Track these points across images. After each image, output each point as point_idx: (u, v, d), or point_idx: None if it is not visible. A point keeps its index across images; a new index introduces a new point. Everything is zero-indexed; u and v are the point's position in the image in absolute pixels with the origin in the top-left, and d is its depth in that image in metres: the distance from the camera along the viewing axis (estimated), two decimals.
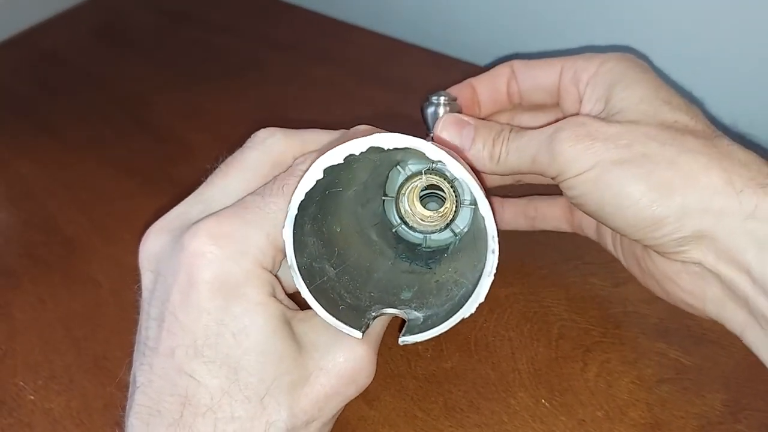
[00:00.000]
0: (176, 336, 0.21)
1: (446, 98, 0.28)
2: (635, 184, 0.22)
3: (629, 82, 0.25)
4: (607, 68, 0.26)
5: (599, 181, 0.23)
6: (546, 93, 0.28)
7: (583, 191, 0.23)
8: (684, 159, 0.22)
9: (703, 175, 0.22)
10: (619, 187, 0.22)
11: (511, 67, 0.29)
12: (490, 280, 0.21)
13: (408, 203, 0.29)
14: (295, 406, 0.21)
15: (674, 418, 0.25)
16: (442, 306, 0.23)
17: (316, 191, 0.21)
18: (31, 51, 0.56)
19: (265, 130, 0.25)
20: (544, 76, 0.28)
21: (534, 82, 0.28)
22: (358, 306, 0.23)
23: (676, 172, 0.22)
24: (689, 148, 0.22)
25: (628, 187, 0.22)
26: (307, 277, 0.22)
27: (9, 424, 0.29)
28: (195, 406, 0.20)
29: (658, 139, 0.22)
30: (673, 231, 0.22)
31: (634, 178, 0.22)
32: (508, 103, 0.30)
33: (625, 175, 0.22)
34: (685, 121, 0.23)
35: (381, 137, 0.20)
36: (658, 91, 0.24)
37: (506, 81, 0.29)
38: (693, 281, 0.24)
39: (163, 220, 0.23)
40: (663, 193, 0.22)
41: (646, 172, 0.22)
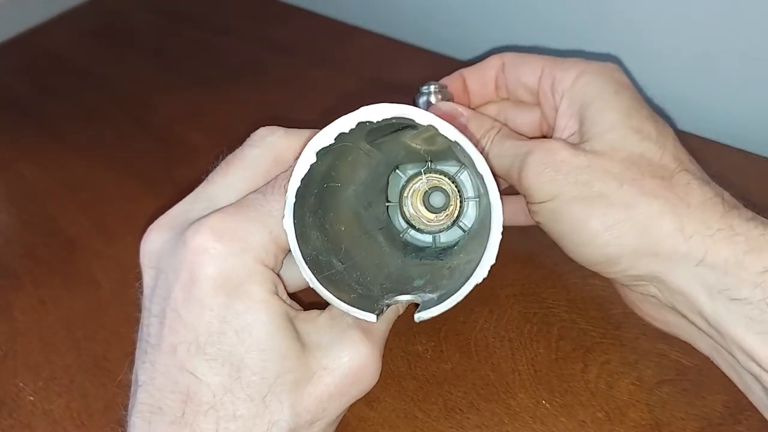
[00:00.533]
0: (178, 333, 0.21)
1: (437, 87, 0.28)
2: (591, 223, 0.23)
3: (602, 105, 0.25)
4: (582, 82, 0.26)
5: (558, 213, 0.23)
6: (528, 92, 0.28)
7: (544, 219, 0.24)
8: (639, 202, 0.22)
9: (655, 220, 0.22)
10: (576, 223, 0.23)
11: (502, 60, 0.29)
12: (499, 238, 0.20)
13: (412, 207, 0.29)
14: (299, 406, 0.21)
15: (674, 420, 0.25)
16: (456, 283, 0.23)
17: (313, 181, 0.21)
18: (32, 52, 0.56)
19: (266, 128, 0.25)
20: (526, 76, 0.28)
21: (517, 79, 0.28)
22: (370, 295, 0.23)
23: (630, 215, 0.22)
24: (647, 191, 0.22)
25: (584, 225, 0.23)
26: (314, 267, 0.21)
27: (9, 425, 0.29)
28: (197, 403, 0.20)
29: (619, 178, 0.23)
30: (627, 269, 0.23)
31: (590, 216, 0.23)
32: (496, 96, 0.30)
33: (582, 212, 0.23)
34: (650, 154, 0.23)
35: (368, 109, 0.20)
36: (630, 117, 0.24)
37: (495, 74, 0.29)
38: (655, 309, 0.25)
39: (164, 217, 0.23)
40: (617, 235, 0.22)
41: (601, 213, 0.23)
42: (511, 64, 0.29)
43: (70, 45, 0.56)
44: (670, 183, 0.23)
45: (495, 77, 0.29)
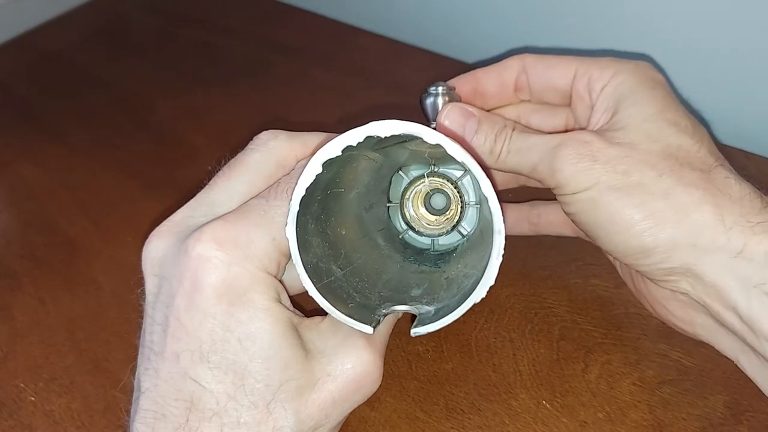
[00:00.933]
0: (181, 341, 0.21)
1: (445, 88, 0.28)
2: (628, 212, 0.22)
3: (638, 98, 0.24)
4: (619, 80, 0.25)
5: (594, 202, 0.23)
6: (558, 94, 0.28)
7: (579, 209, 0.24)
8: (678, 192, 0.22)
9: (694, 209, 0.22)
10: (612, 212, 0.23)
11: (523, 62, 0.28)
12: (499, 262, 0.21)
13: (413, 208, 0.29)
14: (302, 412, 0.21)
15: (676, 420, 0.25)
16: (453, 297, 0.23)
17: (317, 189, 0.21)
18: (32, 52, 0.56)
19: (268, 132, 0.25)
20: (557, 77, 0.27)
21: (546, 82, 0.28)
22: (368, 304, 0.23)
23: (669, 204, 0.22)
24: (686, 181, 0.22)
25: (621, 214, 0.22)
26: (314, 275, 0.22)
27: (10, 426, 0.29)
28: (201, 411, 0.20)
29: (657, 168, 0.23)
30: (661, 261, 0.23)
31: (627, 205, 0.22)
32: (515, 99, 0.29)
33: (619, 201, 0.22)
34: (688, 146, 0.23)
35: (377, 125, 0.20)
36: (666, 110, 0.24)
37: (515, 75, 0.28)
38: (682, 308, 0.24)
39: (166, 223, 0.23)
40: (654, 224, 0.22)
41: (639, 201, 0.22)
42: (536, 65, 0.28)
43: (71, 46, 0.56)
44: (709, 176, 0.22)
45: (515, 79, 0.28)
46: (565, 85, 0.27)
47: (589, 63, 0.26)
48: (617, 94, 0.25)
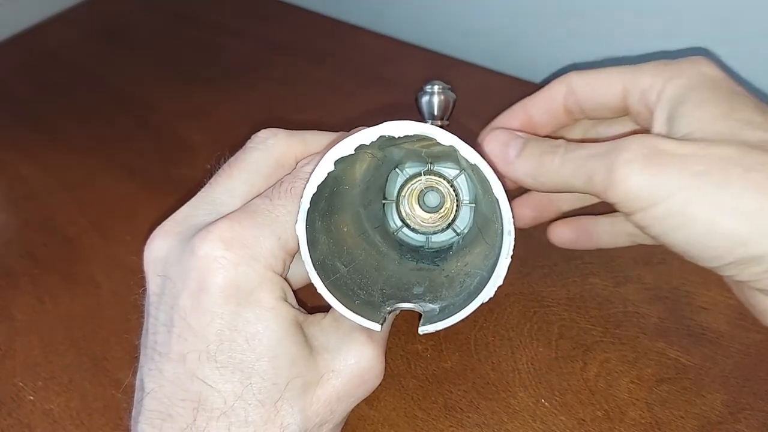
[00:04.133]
0: (187, 341, 0.21)
1: (440, 87, 0.28)
2: (722, 221, 0.19)
3: (700, 101, 0.21)
4: (674, 85, 0.22)
5: (676, 217, 0.20)
6: (610, 110, 0.25)
7: (659, 229, 0.20)
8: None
9: None
10: (704, 224, 0.19)
11: (568, 84, 0.26)
12: (508, 262, 0.21)
13: (408, 205, 0.29)
14: (308, 409, 0.21)
15: (674, 418, 0.25)
16: (458, 296, 0.23)
17: (326, 186, 0.21)
18: (31, 51, 0.56)
19: (267, 130, 0.25)
20: (606, 96, 0.25)
21: (596, 101, 0.25)
22: (372, 301, 0.23)
23: (765, 203, 0.19)
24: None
25: (715, 224, 0.19)
26: (322, 273, 0.22)
27: (9, 424, 0.29)
28: (208, 410, 0.20)
29: (741, 163, 0.19)
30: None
31: (719, 213, 0.19)
32: (569, 120, 0.27)
33: (708, 209, 0.19)
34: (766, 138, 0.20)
35: (391, 125, 0.21)
36: (735, 110, 0.21)
37: (563, 98, 0.26)
38: None
39: (168, 222, 0.23)
40: (756, 229, 0.19)
41: (732, 206, 0.19)
42: (583, 86, 0.25)
43: (70, 44, 0.56)
44: None
45: (563, 103, 0.26)
46: (617, 101, 0.25)
47: (637, 73, 0.24)
48: (675, 100, 0.22)
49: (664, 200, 0.20)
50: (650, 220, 0.20)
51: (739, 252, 0.20)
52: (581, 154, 0.22)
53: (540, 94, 0.27)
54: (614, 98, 0.25)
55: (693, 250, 0.20)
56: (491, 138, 0.25)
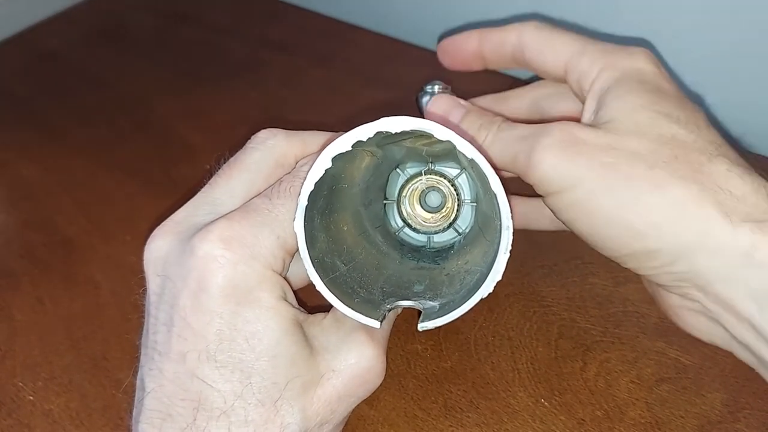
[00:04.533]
0: (187, 341, 0.21)
1: (440, 87, 0.28)
2: (622, 212, 0.20)
3: (624, 90, 0.22)
4: (608, 75, 0.23)
5: (582, 204, 0.21)
6: (552, 77, 0.26)
7: (566, 214, 0.22)
8: (674, 186, 0.20)
9: (695, 206, 0.20)
10: (604, 214, 0.21)
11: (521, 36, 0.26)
12: (507, 257, 0.21)
13: (409, 205, 0.29)
14: (309, 409, 0.21)
15: (674, 418, 0.25)
16: (458, 293, 0.23)
17: (324, 184, 0.21)
18: (29, 51, 0.56)
19: (267, 130, 0.25)
20: (550, 64, 0.25)
21: (540, 65, 0.26)
22: (372, 299, 0.23)
23: (665, 199, 0.20)
24: (680, 174, 0.20)
25: (616, 214, 0.20)
26: (320, 270, 0.22)
27: (8, 425, 0.29)
28: (208, 410, 0.20)
29: (647, 160, 0.20)
30: (667, 264, 0.21)
31: (620, 205, 0.20)
32: (513, 65, 0.27)
33: (609, 200, 0.20)
34: (682, 136, 0.21)
35: (388, 121, 0.20)
36: (657, 102, 0.22)
37: (512, 47, 0.26)
38: (697, 318, 0.22)
39: (168, 222, 0.23)
40: (653, 224, 0.20)
41: (632, 199, 0.20)
42: (532, 45, 0.25)
43: (69, 44, 0.56)
44: (709, 169, 0.20)
45: (512, 51, 0.26)
46: (559, 73, 0.25)
47: (580, 53, 0.24)
48: (604, 90, 0.23)
49: (572, 188, 0.21)
50: (560, 205, 0.22)
51: (638, 245, 0.21)
52: (510, 134, 0.23)
53: (495, 32, 0.27)
54: (556, 69, 0.25)
55: (596, 239, 0.22)
56: (434, 102, 0.26)
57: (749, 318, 0.20)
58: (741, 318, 0.20)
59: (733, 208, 0.20)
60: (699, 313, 0.22)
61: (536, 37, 0.25)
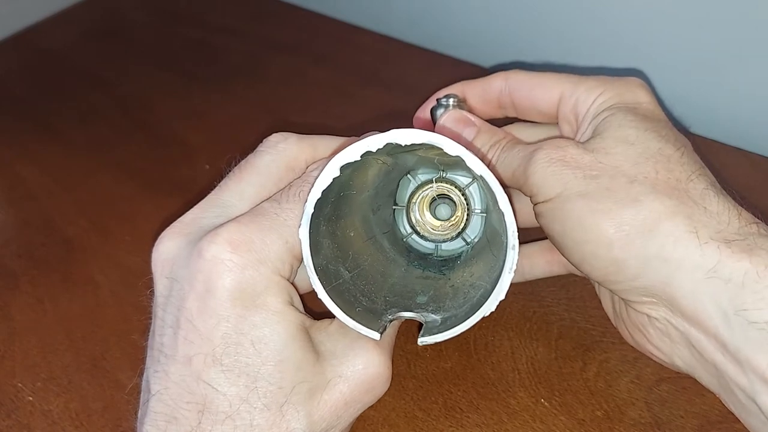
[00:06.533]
0: (193, 344, 0.21)
1: (455, 100, 0.28)
2: (595, 220, 0.21)
3: (619, 110, 0.24)
4: (602, 100, 0.25)
5: (561, 210, 0.22)
6: (541, 114, 0.27)
7: (548, 219, 0.23)
8: (650, 200, 0.21)
9: (666, 220, 0.20)
10: (579, 220, 0.22)
11: (507, 80, 0.27)
12: (511, 277, 0.21)
13: (419, 212, 0.29)
14: (314, 414, 0.21)
15: (673, 417, 0.25)
16: (460, 308, 0.23)
17: (332, 191, 0.21)
18: (29, 50, 0.56)
19: (278, 134, 0.25)
20: (542, 100, 0.26)
21: (531, 103, 0.27)
22: (374, 309, 0.23)
23: (638, 212, 0.21)
24: (659, 189, 0.21)
25: (588, 222, 0.21)
26: (323, 278, 0.22)
27: (8, 425, 0.28)
28: (213, 413, 0.20)
29: (629, 174, 0.21)
30: (633, 277, 0.21)
31: (594, 213, 0.21)
32: (498, 114, 0.29)
33: (586, 208, 0.21)
34: (668, 151, 0.22)
35: (398, 133, 0.20)
36: (646, 121, 0.23)
37: (499, 92, 0.28)
38: (660, 336, 0.23)
39: (177, 224, 0.23)
40: (623, 234, 0.21)
41: (607, 209, 0.21)
42: (522, 85, 0.27)
43: (68, 44, 0.56)
44: (686, 186, 0.21)
45: (498, 97, 0.28)
46: (550, 107, 0.26)
47: (576, 84, 0.25)
48: (601, 115, 0.24)
49: (557, 196, 0.22)
50: (542, 210, 0.23)
51: (604, 253, 0.21)
52: (512, 151, 0.25)
53: (479, 81, 0.28)
54: (548, 103, 0.26)
55: (568, 244, 0.23)
56: (448, 117, 0.26)
57: (716, 334, 0.20)
58: (708, 334, 0.20)
59: (704, 224, 0.20)
60: (663, 333, 0.22)
61: (525, 77, 0.27)
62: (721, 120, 0.38)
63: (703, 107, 0.39)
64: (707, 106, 0.39)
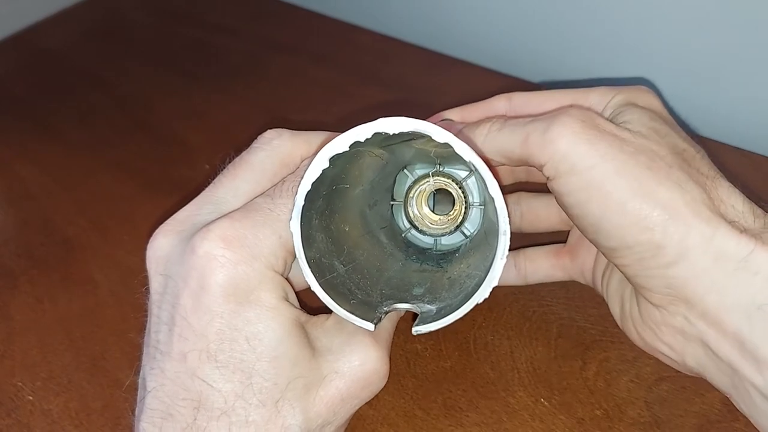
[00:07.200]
0: (188, 341, 0.21)
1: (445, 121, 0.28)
2: (638, 202, 0.21)
3: (638, 108, 0.23)
4: (620, 101, 0.24)
5: (597, 187, 0.21)
6: None
7: (579, 199, 0.22)
8: (690, 188, 0.21)
9: (706, 209, 0.20)
10: (619, 199, 0.21)
11: (511, 99, 0.27)
12: (503, 263, 0.21)
13: (416, 207, 0.29)
14: (310, 410, 0.21)
15: (673, 417, 0.25)
16: (456, 297, 0.23)
17: (323, 184, 0.21)
18: (29, 50, 0.56)
19: (272, 130, 0.25)
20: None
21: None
22: (370, 302, 0.23)
23: (682, 197, 0.20)
24: (695, 179, 0.21)
25: (630, 202, 0.21)
26: (317, 271, 0.21)
27: (8, 424, 0.28)
28: (209, 410, 0.20)
29: (666, 159, 0.21)
30: (664, 265, 0.21)
31: (637, 193, 0.21)
32: None
33: (627, 189, 0.21)
34: (693, 152, 0.22)
35: (385, 121, 0.20)
36: (667, 124, 0.23)
37: (503, 113, 0.27)
38: (672, 334, 0.23)
39: (171, 221, 0.23)
40: (667, 218, 0.20)
41: (649, 190, 0.21)
42: (527, 103, 0.26)
43: (68, 44, 0.56)
44: (713, 183, 0.21)
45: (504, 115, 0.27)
46: None
47: (586, 93, 0.25)
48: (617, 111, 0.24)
49: (588, 169, 0.21)
50: (569, 187, 0.21)
51: (643, 237, 0.20)
52: (522, 120, 0.23)
53: (479, 105, 0.27)
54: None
55: (601, 226, 0.21)
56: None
57: (736, 332, 0.20)
58: (726, 333, 0.20)
59: (734, 217, 0.21)
60: (677, 330, 0.22)
61: (530, 95, 0.26)
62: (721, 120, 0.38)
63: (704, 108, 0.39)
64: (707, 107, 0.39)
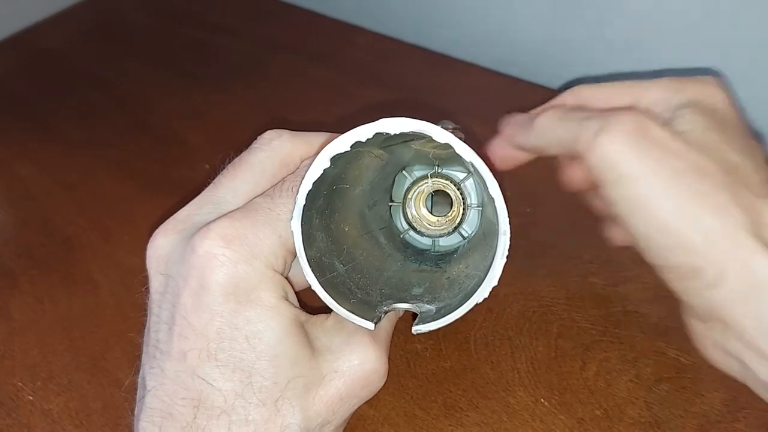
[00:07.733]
0: (188, 340, 0.21)
1: (452, 126, 0.28)
2: (680, 223, 0.20)
3: (697, 111, 0.22)
4: (681, 98, 0.23)
5: (639, 199, 0.21)
6: None
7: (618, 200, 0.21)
8: (734, 212, 0.20)
9: (748, 236, 0.20)
10: (664, 224, 0.21)
11: (578, 96, 0.26)
12: (503, 262, 0.21)
13: (415, 208, 0.29)
14: (310, 409, 0.21)
15: (673, 417, 0.25)
16: (455, 297, 0.23)
17: (323, 183, 0.21)
18: (29, 50, 0.56)
19: (272, 131, 0.25)
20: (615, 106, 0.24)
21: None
22: (369, 301, 0.23)
23: (722, 223, 0.20)
24: (741, 203, 0.20)
25: (673, 227, 0.20)
26: (317, 270, 0.22)
27: (8, 424, 0.28)
28: (208, 409, 0.20)
29: (715, 179, 0.21)
30: (703, 287, 0.21)
31: (677, 216, 0.20)
32: None
33: (672, 210, 0.20)
34: (747, 168, 0.21)
35: (387, 122, 0.20)
36: (726, 129, 0.22)
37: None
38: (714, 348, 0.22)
39: (171, 221, 0.23)
40: (705, 242, 0.20)
41: (693, 211, 0.20)
42: (592, 97, 0.25)
43: (68, 44, 0.56)
44: (759, 206, 0.21)
45: None
46: None
47: (647, 87, 0.24)
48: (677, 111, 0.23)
49: (634, 180, 0.21)
50: (616, 196, 0.21)
51: (683, 259, 0.21)
52: (580, 115, 0.23)
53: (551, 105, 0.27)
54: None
55: (647, 241, 0.21)
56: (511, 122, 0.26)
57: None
58: (764, 356, 0.20)
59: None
60: (718, 346, 0.22)
61: (595, 89, 0.25)
62: None
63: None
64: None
